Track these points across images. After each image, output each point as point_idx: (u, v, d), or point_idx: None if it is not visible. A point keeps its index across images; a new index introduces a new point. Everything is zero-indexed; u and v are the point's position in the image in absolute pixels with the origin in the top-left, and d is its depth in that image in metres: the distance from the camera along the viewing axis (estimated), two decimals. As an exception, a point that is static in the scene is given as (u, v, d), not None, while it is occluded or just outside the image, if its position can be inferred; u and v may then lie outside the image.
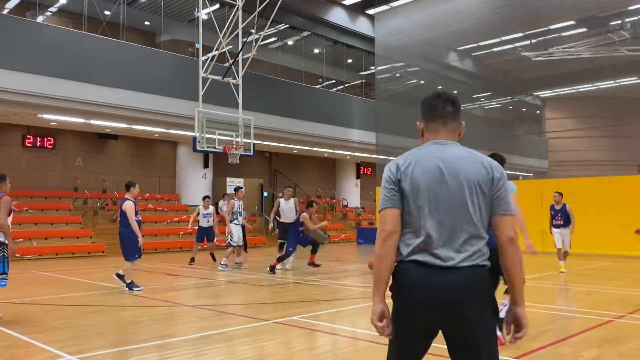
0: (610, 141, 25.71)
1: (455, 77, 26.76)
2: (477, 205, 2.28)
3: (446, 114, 2.46)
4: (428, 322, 2.26)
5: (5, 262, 6.57)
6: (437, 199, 2.27)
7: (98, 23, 19.09)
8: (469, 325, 2.21)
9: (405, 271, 2.29)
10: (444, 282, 2.20)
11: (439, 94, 2.52)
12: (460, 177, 2.28)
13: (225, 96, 17.07)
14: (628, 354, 5.08)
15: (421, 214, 2.28)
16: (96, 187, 20.43)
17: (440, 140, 2.42)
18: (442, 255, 2.23)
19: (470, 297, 2.20)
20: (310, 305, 7.87)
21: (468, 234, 2.25)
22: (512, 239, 2.27)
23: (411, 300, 2.25)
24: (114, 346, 5.42)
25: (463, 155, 2.35)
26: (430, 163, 2.32)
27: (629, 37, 20.07)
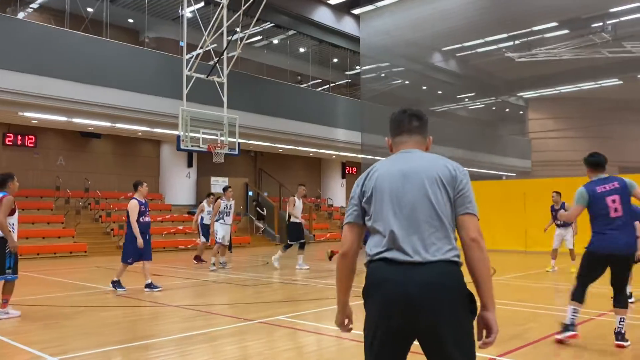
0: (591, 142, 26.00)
1: (439, 77, 26.93)
2: (441, 200, 2.25)
3: (412, 129, 2.52)
4: (399, 321, 2.17)
5: (12, 258, 6.83)
6: (401, 197, 2.28)
7: (81, 20, 18.87)
8: (441, 323, 2.14)
9: (374, 269, 2.27)
10: (413, 278, 2.15)
11: (404, 109, 2.57)
12: (422, 175, 2.29)
13: (210, 95, 16.97)
14: (608, 351, 5.15)
15: (385, 214, 2.27)
16: (78, 186, 20.19)
17: (406, 150, 2.48)
18: (409, 250, 2.19)
19: (440, 293, 2.14)
20: (295, 305, 7.87)
21: (434, 229, 2.22)
22: (475, 239, 2.22)
23: (381, 297, 2.20)
24: (97, 347, 5.36)
25: (426, 157, 2.40)
26: (393, 167, 2.37)
27: (609, 39, 20.36)
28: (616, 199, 5.09)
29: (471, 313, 2.25)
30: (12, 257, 6.85)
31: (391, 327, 2.19)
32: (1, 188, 6.88)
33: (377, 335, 2.22)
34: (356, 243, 2.38)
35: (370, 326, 2.26)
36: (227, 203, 12.78)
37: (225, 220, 12.66)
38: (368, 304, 2.28)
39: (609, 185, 5.16)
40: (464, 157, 26.24)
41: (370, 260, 2.29)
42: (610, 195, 5.11)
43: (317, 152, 25.98)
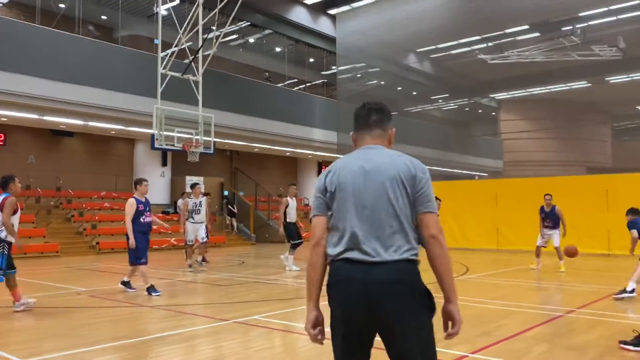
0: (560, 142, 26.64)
1: (414, 78, 27.19)
2: (400, 200, 2.31)
3: (370, 123, 2.55)
4: (361, 317, 2.27)
5: (4, 258, 7.02)
6: (361, 196, 2.34)
7: (52, 16, 18.52)
8: (399, 319, 2.23)
9: (336, 269, 2.35)
10: (373, 277, 2.24)
11: (364, 103, 2.62)
12: (382, 174, 2.34)
13: (185, 93, 16.83)
14: (577, 348, 5.30)
15: (347, 213, 2.34)
16: (50, 185, 19.81)
17: (367, 146, 2.52)
18: (370, 250, 2.27)
19: (399, 291, 2.23)
20: (270, 305, 7.88)
21: (393, 229, 2.29)
22: (434, 236, 2.29)
23: (345, 296, 2.29)
24: (68, 348, 5.30)
25: (387, 155, 2.43)
26: (355, 164, 2.42)
27: (579, 42, 20.84)
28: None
29: (429, 309, 2.32)
30: (5, 257, 7.05)
31: (354, 323, 2.29)
32: (3, 189, 7.14)
33: (342, 330, 2.32)
34: (325, 233, 2.43)
35: (336, 322, 2.35)
36: (195, 201, 12.34)
37: (194, 218, 12.26)
38: (332, 301, 2.36)
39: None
40: (437, 157, 26.57)
41: (333, 259, 2.36)
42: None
43: (293, 151, 25.99)
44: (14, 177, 7.30)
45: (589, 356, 5.01)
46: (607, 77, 23.40)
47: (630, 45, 20.11)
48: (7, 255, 7.08)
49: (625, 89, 23.70)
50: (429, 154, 25.58)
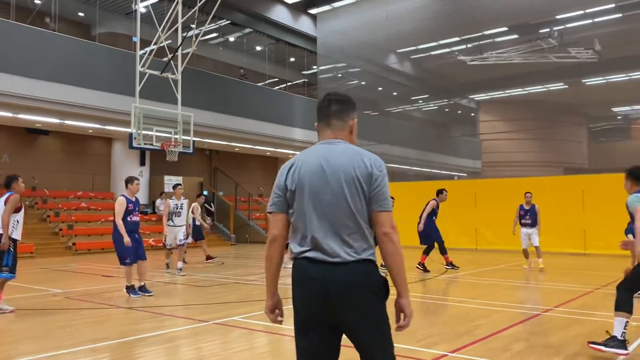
0: (538, 143, 26.99)
1: (394, 79, 27.32)
2: (357, 201, 2.37)
3: (329, 114, 2.56)
4: (321, 313, 2.37)
5: (10, 256, 7.21)
6: (320, 197, 2.39)
7: (27, 12, 18.17)
8: (356, 315, 2.33)
9: (299, 267, 2.44)
10: (331, 277, 2.33)
11: (326, 94, 2.63)
12: (340, 174, 2.38)
13: (164, 92, 16.67)
14: (554, 346, 5.38)
15: (307, 213, 2.40)
16: (25, 184, 19.38)
17: (327, 140, 2.54)
18: (329, 251, 2.35)
19: (355, 290, 2.32)
20: (250, 305, 7.84)
21: (351, 230, 2.36)
22: (387, 233, 2.36)
23: (306, 293, 2.39)
24: (44, 351, 5.19)
25: (346, 152, 2.45)
26: (315, 162, 2.44)
27: (556, 44, 21.15)
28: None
29: (384, 298, 2.41)
30: (10, 254, 7.22)
31: (315, 318, 2.38)
32: (7, 188, 7.46)
33: (304, 325, 2.42)
34: (285, 230, 2.49)
35: (298, 317, 2.44)
36: (176, 202, 11.65)
37: (174, 221, 11.60)
38: (295, 297, 2.46)
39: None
40: (417, 157, 26.74)
41: (295, 257, 2.47)
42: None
43: (274, 151, 25.91)
44: (18, 177, 7.64)
45: (565, 354, 5.07)
46: (584, 79, 23.79)
47: (605, 48, 20.48)
48: (13, 253, 7.27)
49: (601, 91, 24.14)
50: (409, 154, 25.74)
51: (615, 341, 4.85)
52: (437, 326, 6.36)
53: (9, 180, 7.53)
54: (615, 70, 22.48)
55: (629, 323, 4.90)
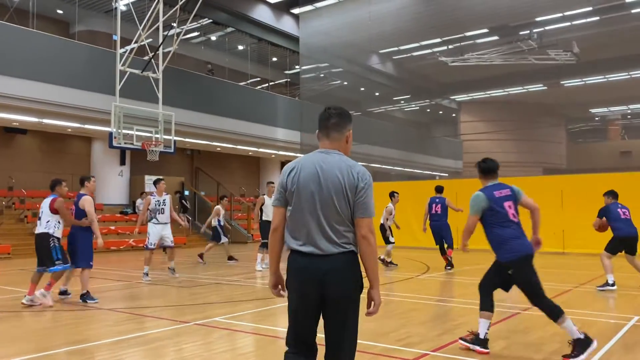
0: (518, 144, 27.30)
1: (376, 79, 27.42)
2: (344, 207, 2.85)
3: (328, 126, 3.01)
4: (311, 295, 2.87)
5: (56, 251, 7.75)
6: (315, 200, 2.87)
7: (4, 9, 17.85)
8: (338, 299, 2.86)
9: (293, 259, 2.95)
10: (321, 266, 2.85)
11: (326, 108, 3.07)
12: (333, 184, 2.85)
13: (145, 91, 16.50)
14: (533, 344, 5.45)
15: (303, 214, 2.89)
16: (2, 184, 19.10)
17: (324, 150, 3.00)
18: (321, 246, 2.85)
19: (341, 275, 2.85)
20: (232, 306, 7.80)
21: (338, 229, 2.86)
22: (365, 236, 2.85)
23: (298, 280, 2.92)
24: (21, 354, 5.10)
25: (339, 165, 2.90)
26: (312, 169, 2.91)
27: (535, 46, 21.43)
28: (511, 204, 5.20)
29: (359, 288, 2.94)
30: (58, 249, 7.76)
31: (307, 299, 2.89)
32: (52, 191, 7.98)
33: (298, 306, 2.94)
34: (283, 221, 3.00)
35: (292, 299, 2.97)
36: (158, 199, 10.88)
37: (158, 219, 10.81)
38: (290, 284, 2.98)
39: (504, 192, 5.23)
40: (399, 157, 26.85)
41: (291, 250, 2.97)
42: (507, 201, 5.19)
43: (256, 151, 25.82)
44: (61, 181, 8.16)
45: (545, 352, 5.14)
46: (562, 81, 24.15)
47: (584, 50, 20.82)
48: (59, 247, 7.81)
49: (579, 93, 24.53)
50: (391, 154, 25.84)
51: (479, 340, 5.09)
52: (417, 326, 6.40)
53: (53, 184, 8.05)
54: (593, 72, 22.86)
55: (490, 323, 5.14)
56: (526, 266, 5.07)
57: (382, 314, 7.37)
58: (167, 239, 10.95)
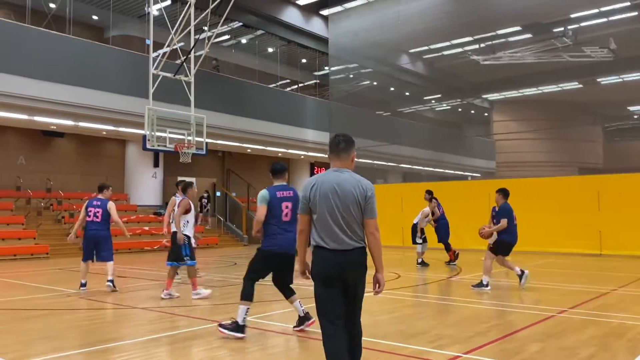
0: (552, 143, 26.71)
1: (406, 79, 27.22)
2: (357, 213, 3.71)
3: (339, 150, 3.85)
4: (335, 282, 3.69)
5: (186, 247, 8.39)
6: (335, 208, 3.69)
7: (43, 16, 18.38)
8: (355, 281, 3.73)
9: (319, 253, 3.75)
10: (341, 258, 3.69)
11: (336, 135, 3.92)
12: (348, 195, 3.69)
13: (177, 94, 16.76)
14: (569, 347, 5.31)
15: (326, 220, 3.71)
16: (40, 186, 19.66)
17: (337, 168, 3.83)
18: (339, 242, 3.68)
19: (356, 265, 3.72)
20: (262, 306, 7.84)
21: (353, 229, 3.70)
22: (372, 233, 3.74)
23: (322, 269, 3.73)
24: (56, 351, 5.24)
25: (350, 181, 3.74)
26: (330, 184, 3.74)
27: (570, 43, 20.93)
28: (289, 205, 5.78)
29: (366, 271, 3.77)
30: (186, 246, 8.34)
31: (331, 285, 3.71)
32: (183, 193, 8.63)
33: (323, 291, 3.73)
34: (308, 225, 3.83)
35: (319, 287, 3.76)
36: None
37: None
38: (315, 274, 3.77)
39: (285, 193, 5.84)
40: (430, 157, 26.59)
41: (315, 246, 3.77)
42: (285, 202, 5.79)
43: (285, 152, 25.94)
44: (192, 183, 8.90)
45: (581, 356, 5.01)
46: (598, 78, 23.52)
47: (621, 47, 20.21)
48: (188, 245, 8.40)
49: (616, 90, 23.82)
50: (422, 154, 25.61)
51: (235, 325, 5.73)
52: (449, 327, 6.31)
53: (185, 186, 8.74)
54: (631, 68, 22.16)
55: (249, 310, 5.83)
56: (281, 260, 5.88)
57: (412, 315, 7.31)
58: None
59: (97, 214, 9.23)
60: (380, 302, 8.30)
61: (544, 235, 16.73)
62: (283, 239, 5.74)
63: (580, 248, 16.33)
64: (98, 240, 9.22)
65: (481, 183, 21.97)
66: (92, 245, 9.23)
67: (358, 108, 25.61)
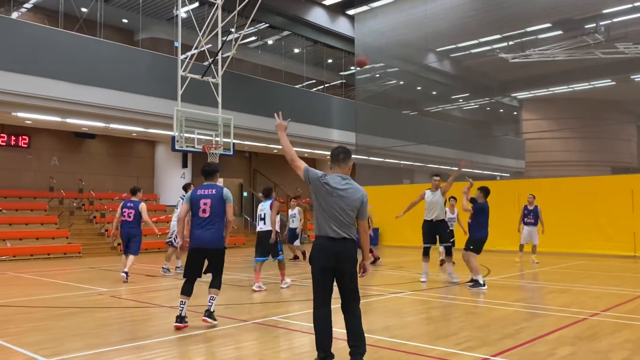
0: (584, 142, 26.17)
1: (433, 78, 26.99)
2: (353, 213, 4.51)
3: (339, 160, 4.64)
4: (332, 266, 4.46)
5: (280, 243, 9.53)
6: (337, 210, 4.46)
7: (75, 20, 18.81)
8: (346, 269, 4.47)
9: (320, 241, 4.51)
10: (337, 247, 4.46)
11: (336, 147, 4.71)
12: (349, 200, 4.49)
13: (205, 95, 16.95)
14: (602, 351, 5.19)
15: (330, 215, 4.47)
16: (72, 186, 20.11)
17: (340, 175, 4.59)
18: (339, 232, 4.46)
19: (349, 254, 4.48)
20: (289, 305, 7.88)
21: (348, 224, 4.48)
22: (365, 230, 4.63)
23: (323, 255, 4.48)
24: (89, 348, 5.35)
25: (350, 185, 4.55)
26: (337, 187, 4.50)
27: (602, 40, 20.46)
28: (207, 202, 6.31)
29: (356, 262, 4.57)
30: (280, 242, 9.51)
31: (327, 269, 4.48)
32: (268, 197, 9.67)
33: (321, 274, 4.50)
34: None
35: (317, 270, 4.51)
36: None
37: None
38: (315, 259, 4.52)
39: (207, 191, 6.40)
40: (458, 157, 26.27)
41: (317, 236, 4.53)
42: (204, 199, 6.34)
43: (311, 152, 25.97)
44: (273, 187, 10.22)
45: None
46: (633, 75, 22.92)
47: (655, 42, 19.68)
48: (280, 241, 9.52)
49: (651, 87, 23.20)
50: (450, 154, 25.34)
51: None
52: (477, 329, 6.24)
53: (269, 191, 9.81)
54: (667, 65, 21.55)
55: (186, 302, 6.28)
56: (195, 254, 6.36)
57: (440, 316, 7.25)
58: None
59: (130, 214, 10.50)
60: (408, 303, 8.25)
61: (575, 236, 16.39)
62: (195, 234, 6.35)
63: (613, 250, 15.94)
64: (130, 236, 10.49)
65: (510, 183, 21.64)
66: (126, 241, 10.54)
67: (384, 108, 25.50)
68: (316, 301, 4.52)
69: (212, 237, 6.23)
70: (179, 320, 6.23)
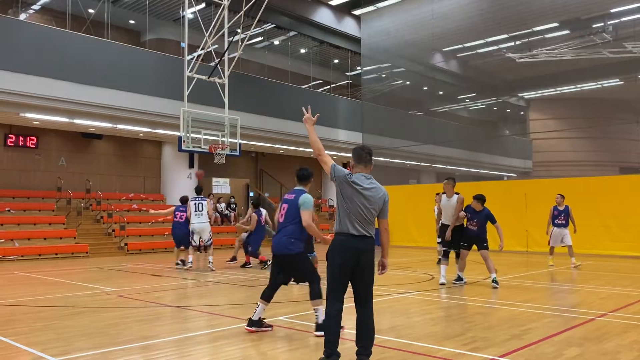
0: (592, 142, 26.00)
1: (440, 78, 26.91)
2: (376, 212, 4.63)
3: (366, 160, 4.73)
4: (346, 262, 4.53)
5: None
6: (361, 208, 4.55)
7: (82, 21, 18.91)
8: (366, 265, 4.56)
9: (341, 238, 4.59)
10: (358, 243, 4.55)
11: (362, 147, 4.79)
12: (373, 199, 4.60)
13: (211, 96, 17.00)
14: (609, 352, 5.16)
15: (354, 213, 4.56)
16: (80, 187, 20.21)
17: (365, 174, 4.67)
18: (360, 230, 4.55)
19: (369, 250, 4.58)
20: (295, 306, 7.88)
21: (370, 223, 4.59)
22: (385, 229, 4.73)
23: (343, 250, 4.55)
24: (97, 347, 5.38)
25: (374, 185, 4.65)
26: (363, 186, 4.58)
27: (610, 39, 20.33)
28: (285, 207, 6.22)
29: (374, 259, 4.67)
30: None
31: (345, 266, 4.55)
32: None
33: (338, 270, 4.56)
34: None
35: (335, 265, 4.57)
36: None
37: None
38: (334, 255, 4.58)
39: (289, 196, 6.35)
40: (465, 157, 26.22)
41: (338, 232, 4.62)
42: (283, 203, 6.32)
43: (318, 152, 25.96)
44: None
45: (623, 361, 4.85)
46: (640, 75, 22.75)
47: (664, 42, 19.53)
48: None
49: (659, 87, 23.02)
50: (456, 154, 25.28)
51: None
52: (484, 330, 6.22)
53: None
54: (675, 64, 21.37)
55: None
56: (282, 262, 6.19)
57: (447, 317, 7.23)
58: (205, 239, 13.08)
59: (182, 216, 13.17)
60: (414, 303, 8.24)
61: (583, 237, 16.27)
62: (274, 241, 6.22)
63: (621, 250, 15.84)
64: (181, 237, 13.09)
65: (518, 183, 21.54)
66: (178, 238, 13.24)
67: (390, 108, 25.46)
68: (330, 297, 4.57)
69: (281, 243, 6.00)
70: (249, 323, 6.15)
